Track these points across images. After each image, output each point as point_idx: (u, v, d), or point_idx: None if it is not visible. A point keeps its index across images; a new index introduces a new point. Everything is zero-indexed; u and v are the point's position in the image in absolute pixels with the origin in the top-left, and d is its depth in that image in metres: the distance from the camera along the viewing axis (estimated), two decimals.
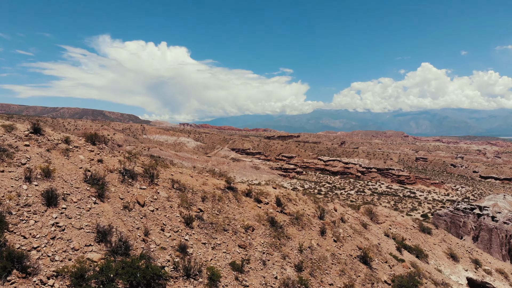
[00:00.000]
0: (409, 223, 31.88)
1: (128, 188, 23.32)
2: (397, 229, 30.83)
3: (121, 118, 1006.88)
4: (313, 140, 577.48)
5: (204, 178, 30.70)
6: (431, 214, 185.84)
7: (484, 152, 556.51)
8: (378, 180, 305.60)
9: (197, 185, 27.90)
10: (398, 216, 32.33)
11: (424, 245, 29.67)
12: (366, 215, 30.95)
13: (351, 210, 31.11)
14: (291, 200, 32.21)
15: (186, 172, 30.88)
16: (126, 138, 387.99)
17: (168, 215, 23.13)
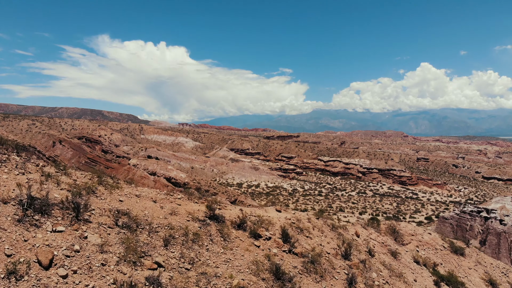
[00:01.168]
0: (438, 242, 27.01)
1: (27, 233, 13.61)
2: (426, 250, 26.01)
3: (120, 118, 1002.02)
4: (313, 140, 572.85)
5: (175, 203, 21.94)
6: (435, 217, 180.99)
7: (485, 152, 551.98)
8: (379, 181, 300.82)
9: (160, 217, 19.08)
10: (424, 234, 27.48)
11: (458, 270, 24.91)
12: (389, 235, 26.00)
13: (373, 230, 25.92)
14: (302, 231, 24.14)
15: (146, 194, 22.03)
16: (124, 138, 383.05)
17: (95, 283, 13.04)
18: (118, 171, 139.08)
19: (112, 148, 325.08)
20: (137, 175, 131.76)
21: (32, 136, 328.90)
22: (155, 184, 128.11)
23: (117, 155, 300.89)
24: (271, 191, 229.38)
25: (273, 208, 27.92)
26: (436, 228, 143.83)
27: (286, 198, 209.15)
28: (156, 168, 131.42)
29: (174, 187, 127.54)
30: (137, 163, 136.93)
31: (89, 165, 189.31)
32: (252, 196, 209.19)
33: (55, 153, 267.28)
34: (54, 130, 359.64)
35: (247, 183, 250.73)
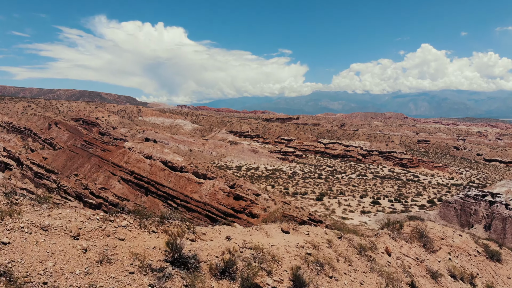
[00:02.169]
0: (470, 245, 23.02)
1: None
2: (459, 258, 22.02)
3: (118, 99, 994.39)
4: (312, 122, 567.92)
5: (114, 238, 13.61)
6: (437, 200, 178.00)
7: (485, 134, 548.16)
8: (379, 163, 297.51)
9: (77, 272, 11.27)
10: (455, 236, 23.47)
11: (496, 280, 20.98)
12: (416, 240, 21.95)
13: (403, 242, 21.49)
14: (323, 267, 16.71)
15: (63, 224, 13.15)
16: (121, 120, 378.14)
17: None
18: (113, 155, 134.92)
19: (109, 131, 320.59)
20: (132, 158, 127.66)
21: (27, 118, 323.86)
22: (151, 168, 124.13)
23: (114, 137, 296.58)
24: (271, 174, 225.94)
25: (278, 227, 19.59)
26: (440, 212, 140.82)
27: (286, 181, 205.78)
28: (152, 152, 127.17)
29: (171, 171, 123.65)
30: (132, 146, 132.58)
31: (85, 147, 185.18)
32: (251, 179, 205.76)
33: (51, 135, 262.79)
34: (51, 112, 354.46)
35: (246, 166, 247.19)
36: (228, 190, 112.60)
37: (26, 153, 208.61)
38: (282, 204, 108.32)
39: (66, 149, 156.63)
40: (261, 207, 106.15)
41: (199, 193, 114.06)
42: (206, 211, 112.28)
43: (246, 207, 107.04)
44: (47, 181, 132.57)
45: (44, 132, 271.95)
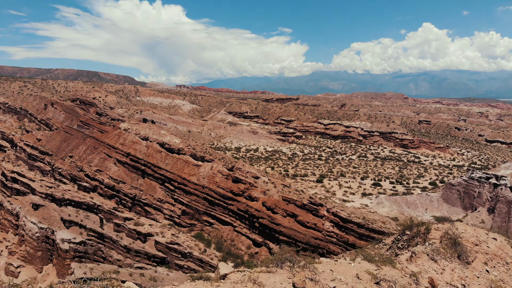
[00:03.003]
0: (507, 251, 19.65)
1: None
2: (496, 267, 18.69)
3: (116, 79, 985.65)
4: (312, 102, 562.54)
5: None
6: (440, 182, 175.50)
7: (486, 115, 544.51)
8: (380, 144, 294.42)
9: None
10: (489, 239, 20.14)
11: None
12: (449, 249, 18.49)
13: (444, 262, 17.61)
14: None
15: None
16: (119, 100, 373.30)
17: None
18: (108, 136, 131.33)
19: (107, 111, 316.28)
20: (128, 140, 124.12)
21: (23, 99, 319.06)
22: (148, 150, 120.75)
23: (112, 118, 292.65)
24: (270, 156, 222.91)
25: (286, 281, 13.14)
26: (443, 195, 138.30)
27: (286, 162, 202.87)
28: (149, 133, 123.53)
29: (168, 153, 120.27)
30: (128, 127, 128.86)
31: (81, 128, 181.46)
32: (250, 160, 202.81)
33: (47, 116, 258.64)
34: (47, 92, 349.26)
35: (246, 147, 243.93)
36: (226, 172, 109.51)
37: (22, 134, 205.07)
38: (282, 187, 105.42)
39: (61, 130, 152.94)
40: (261, 190, 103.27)
41: (197, 176, 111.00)
42: (204, 194, 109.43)
43: (245, 190, 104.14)
44: (41, 163, 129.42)
45: (40, 112, 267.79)
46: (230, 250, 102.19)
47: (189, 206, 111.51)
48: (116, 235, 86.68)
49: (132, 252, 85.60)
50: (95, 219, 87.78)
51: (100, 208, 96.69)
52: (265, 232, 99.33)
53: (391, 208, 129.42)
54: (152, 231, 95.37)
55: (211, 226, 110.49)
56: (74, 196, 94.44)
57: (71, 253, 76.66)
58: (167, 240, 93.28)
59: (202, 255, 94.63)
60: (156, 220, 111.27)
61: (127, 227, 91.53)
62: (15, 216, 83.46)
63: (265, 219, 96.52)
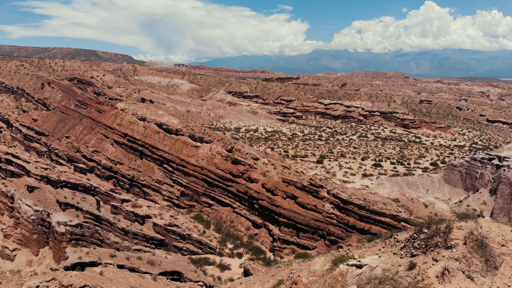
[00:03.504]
0: None
1: None
2: None
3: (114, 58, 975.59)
4: (313, 82, 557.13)
5: None
6: (441, 162, 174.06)
7: (487, 95, 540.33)
8: (381, 124, 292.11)
9: None
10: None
11: None
12: (476, 253, 16.36)
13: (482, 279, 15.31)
14: None
15: None
16: (117, 80, 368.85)
17: None
18: (105, 116, 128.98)
19: (104, 90, 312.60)
20: (125, 120, 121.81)
21: (20, 78, 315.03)
22: (145, 130, 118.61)
23: (110, 97, 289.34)
24: (270, 136, 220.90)
25: None
26: (444, 176, 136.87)
27: (285, 143, 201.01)
28: (146, 113, 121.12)
29: (166, 134, 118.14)
30: (125, 107, 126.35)
31: (79, 108, 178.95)
32: (250, 141, 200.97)
33: (44, 95, 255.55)
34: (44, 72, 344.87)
35: (245, 128, 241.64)
36: (226, 154, 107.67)
37: (19, 114, 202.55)
38: (282, 168, 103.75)
39: (57, 110, 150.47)
40: (260, 172, 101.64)
41: (195, 157, 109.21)
42: (203, 175, 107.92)
43: (245, 172, 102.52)
44: (37, 144, 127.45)
45: (37, 92, 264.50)
46: (230, 231, 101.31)
47: (188, 188, 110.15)
48: (114, 217, 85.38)
49: (129, 234, 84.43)
50: (91, 201, 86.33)
51: (97, 189, 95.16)
52: (264, 214, 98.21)
53: (392, 189, 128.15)
54: (150, 213, 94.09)
55: (210, 208, 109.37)
56: (70, 178, 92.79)
57: (67, 236, 75.39)
58: (165, 222, 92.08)
59: (201, 237, 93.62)
60: (154, 202, 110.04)
61: (125, 209, 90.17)
62: (10, 198, 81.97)
63: (264, 201, 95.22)
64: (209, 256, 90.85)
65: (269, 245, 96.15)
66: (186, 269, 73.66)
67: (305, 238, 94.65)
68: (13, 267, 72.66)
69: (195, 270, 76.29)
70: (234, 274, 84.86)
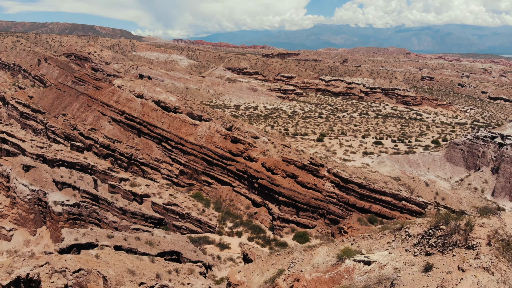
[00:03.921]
0: None
1: None
2: None
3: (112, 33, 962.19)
4: (314, 57, 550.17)
5: None
6: (442, 140, 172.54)
7: (489, 71, 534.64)
8: (382, 101, 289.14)
9: None
10: None
11: None
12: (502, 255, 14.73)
13: None
14: None
15: None
16: (114, 55, 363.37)
17: None
18: (102, 93, 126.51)
19: (102, 66, 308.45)
20: (122, 97, 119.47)
21: (16, 54, 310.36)
22: (143, 108, 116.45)
23: (108, 73, 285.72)
24: (270, 114, 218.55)
25: None
26: (446, 154, 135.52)
27: (286, 121, 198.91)
28: (143, 90, 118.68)
29: (164, 112, 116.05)
30: (122, 84, 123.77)
31: (76, 84, 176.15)
32: (250, 119, 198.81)
33: (41, 72, 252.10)
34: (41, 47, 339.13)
35: (245, 105, 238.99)
36: (225, 132, 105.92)
37: (15, 90, 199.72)
38: (282, 147, 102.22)
39: (53, 87, 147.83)
40: (260, 151, 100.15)
41: (194, 136, 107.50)
42: (202, 154, 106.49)
43: (244, 151, 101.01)
44: (33, 122, 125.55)
45: (34, 68, 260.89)
46: (229, 210, 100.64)
47: (187, 166, 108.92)
48: (111, 197, 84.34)
49: (128, 214, 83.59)
50: (89, 180, 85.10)
51: (94, 168, 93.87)
52: (264, 193, 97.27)
53: (393, 167, 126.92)
54: (148, 192, 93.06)
55: (209, 186, 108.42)
56: (67, 157, 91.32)
57: (64, 215, 74.46)
58: (164, 201, 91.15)
59: (201, 216, 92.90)
60: (153, 180, 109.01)
61: (122, 188, 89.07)
62: (6, 177, 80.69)
63: (264, 180, 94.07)
64: (208, 235, 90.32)
65: (268, 223, 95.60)
66: (185, 248, 73.06)
67: (305, 217, 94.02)
68: (10, 247, 72.09)
69: (194, 249, 75.74)
70: (233, 253, 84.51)
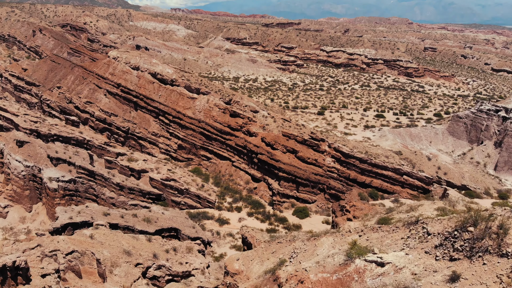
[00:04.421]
0: None
1: None
2: None
3: (109, 3, 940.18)
4: (315, 27, 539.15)
5: None
6: (444, 113, 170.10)
7: (492, 42, 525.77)
8: (384, 72, 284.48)
9: None
10: None
11: None
12: None
13: None
14: None
15: None
16: (111, 26, 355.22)
17: None
18: (97, 65, 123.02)
19: (98, 37, 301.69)
20: (118, 69, 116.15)
21: (11, 25, 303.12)
22: (139, 80, 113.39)
23: (104, 44, 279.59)
24: (270, 86, 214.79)
25: None
26: (448, 128, 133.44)
27: (286, 93, 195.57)
28: (139, 62, 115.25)
29: (161, 84, 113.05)
30: (118, 55, 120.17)
31: (72, 56, 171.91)
32: (249, 91, 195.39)
33: (36, 43, 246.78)
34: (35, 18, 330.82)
35: (244, 77, 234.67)
36: (224, 106, 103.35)
37: (10, 62, 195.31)
38: (282, 121, 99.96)
39: (47, 59, 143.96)
40: (260, 125, 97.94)
41: (192, 109, 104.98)
42: (201, 128, 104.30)
43: (244, 125, 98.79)
44: (27, 95, 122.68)
45: (29, 39, 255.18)
46: (229, 185, 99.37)
47: (186, 141, 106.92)
48: (108, 172, 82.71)
49: (125, 189, 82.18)
50: (84, 156, 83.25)
51: (90, 143, 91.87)
52: (264, 168, 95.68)
53: (395, 141, 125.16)
54: (146, 167, 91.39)
55: (208, 161, 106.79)
56: (62, 131, 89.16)
57: (60, 192, 73.01)
58: (162, 176, 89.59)
59: (200, 191, 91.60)
60: (151, 155, 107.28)
61: (119, 163, 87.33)
62: (0, 153, 78.83)
63: (264, 155, 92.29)
64: (208, 210, 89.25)
65: (268, 199, 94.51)
66: (183, 225, 71.95)
67: (304, 192, 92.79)
68: (6, 224, 70.97)
69: (193, 225, 74.71)
70: (233, 228, 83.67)
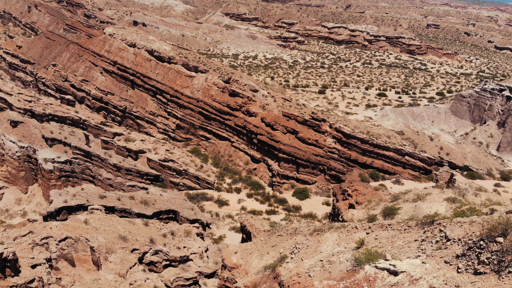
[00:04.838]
0: None
1: None
2: None
3: None
4: (316, 2, 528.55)
5: None
6: (447, 92, 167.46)
7: (496, 19, 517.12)
8: (386, 49, 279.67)
9: None
10: None
11: None
12: None
13: None
14: None
15: None
16: (108, 1, 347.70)
17: None
18: (93, 42, 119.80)
19: (95, 13, 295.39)
20: (114, 46, 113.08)
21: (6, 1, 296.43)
22: (136, 58, 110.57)
23: (101, 20, 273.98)
24: (270, 64, 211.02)
25: None
26: (451, 107, 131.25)
27: (286, 71, 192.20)
28: (136, 39, 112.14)
29: (158, 62, 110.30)
30: (114, 32, 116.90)
31: (68, 32, 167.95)
32: (249, 69, 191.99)
33: (31, 19, 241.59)
34: None
35: (244, 54, 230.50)
36: (222, 85, 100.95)
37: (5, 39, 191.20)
38: (282, 101, 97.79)
39: (42, 36, 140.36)
40: (259, 105, 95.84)
41: (190, 88, 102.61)
42: (199, 108, 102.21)
43: (243, 105, 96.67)
44: (22, 73, 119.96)
45: (24, 16, 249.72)
46: (228, 165, 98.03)
47: (184, 120, 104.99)
48: (105, 153, 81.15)
49: (122, 170, 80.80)
50: (80, 136, 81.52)
51: (86, 123, 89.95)
52: (264, 149, 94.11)
53: (397, 120, 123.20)
54: (144, 148, 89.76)
55: (207, 141, 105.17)
56: (57, 111, 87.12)
57: (56, 173, 71.58)
58: (160, 157, 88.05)
59: (199, 172, 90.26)
60: (149, 134, 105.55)
61: (116, 144, 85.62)
62: None
63: (264, 136, 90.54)
64: (207, 191, 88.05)
65: (268, 180, 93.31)
66: (182, 207, 70.76)
67: (305, 173, 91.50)
68: (1, 206, 69.82)
69: (191, 207, 73.52)
70: (232, 210, 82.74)
